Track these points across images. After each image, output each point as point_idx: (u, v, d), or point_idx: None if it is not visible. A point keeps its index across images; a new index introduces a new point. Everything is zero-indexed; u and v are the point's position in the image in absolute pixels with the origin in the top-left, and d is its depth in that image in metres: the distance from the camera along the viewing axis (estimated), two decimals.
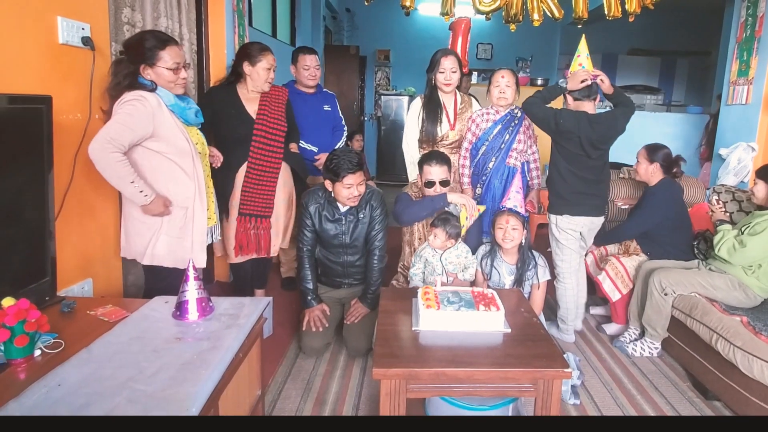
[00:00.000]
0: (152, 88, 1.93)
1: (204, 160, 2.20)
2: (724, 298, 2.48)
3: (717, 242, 2.51)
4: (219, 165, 2.39)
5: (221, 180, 2.56)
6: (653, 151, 2.80)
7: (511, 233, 2.38)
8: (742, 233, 2.46)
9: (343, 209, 2.51)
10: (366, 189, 2.49)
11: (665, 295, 2.57)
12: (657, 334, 2.64)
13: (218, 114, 2.58)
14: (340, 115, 3.40)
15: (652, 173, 2.79)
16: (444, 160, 2.63)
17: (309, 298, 2.55)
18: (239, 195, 2.64)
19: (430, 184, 2.60)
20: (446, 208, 2.50)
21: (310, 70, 3.12)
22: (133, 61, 1.91)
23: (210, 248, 3.26)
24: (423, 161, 2.65)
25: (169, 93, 1.98)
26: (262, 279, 3.00)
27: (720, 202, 2.82)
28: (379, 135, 7.87)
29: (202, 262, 2.08)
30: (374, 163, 7.97)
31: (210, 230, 2.28)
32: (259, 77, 2.56)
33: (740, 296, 2.47)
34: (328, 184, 2.43)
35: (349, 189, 2.36)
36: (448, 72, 2.87)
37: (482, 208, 2.68)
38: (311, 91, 3.21)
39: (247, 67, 2.57)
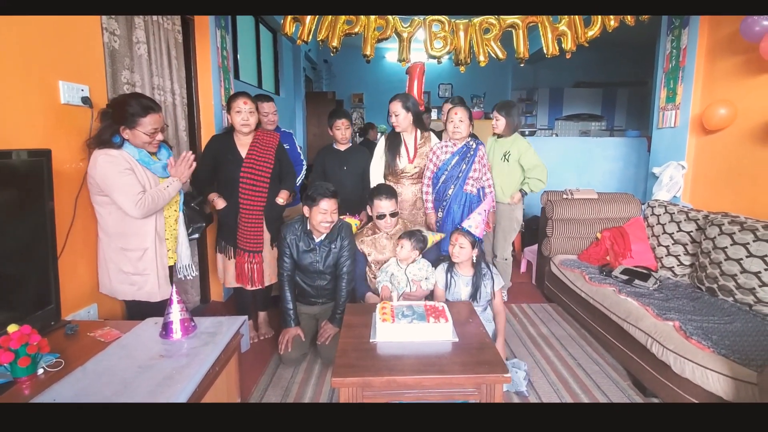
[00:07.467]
0: (119, 144, 1.95)
1: (173, 207, 2.21)
2: (511, 225, 3.39)
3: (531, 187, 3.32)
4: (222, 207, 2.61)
5: (226, 217, 2.68)
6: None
7: (458, 250, 2.38)
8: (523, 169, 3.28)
9: (317, 239, 2.57)
10: (338, 221, 2.56)
11: (499, 261, 3.49)
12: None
13: (218, 159, 2.65)
14: (299, 151, 3.42)
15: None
16: (392, 194, 2.64)
17: (288, 318, 2.59)
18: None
19: (381, 216, 2.61)
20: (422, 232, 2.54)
21: (269, 116, 3.15)
22: (116, 121, 1.94)
23: (206, 275, 3.35)
24: (373, 195, 2.65)
25: (135, 149, 1.99)
26: (265, 302, 3.02)
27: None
28: None
29: (164, 294, 2.09)
30: None
31: (177, 267, 2.30)
32: (233, 120, 2.63)
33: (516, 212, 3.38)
34: (305, 210, 2.49)
35: (324, 214, 2.41)
36: (392, 116, 2.98)
37: (441, 235, 2.76)
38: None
39: (226, 116, 2.67)
